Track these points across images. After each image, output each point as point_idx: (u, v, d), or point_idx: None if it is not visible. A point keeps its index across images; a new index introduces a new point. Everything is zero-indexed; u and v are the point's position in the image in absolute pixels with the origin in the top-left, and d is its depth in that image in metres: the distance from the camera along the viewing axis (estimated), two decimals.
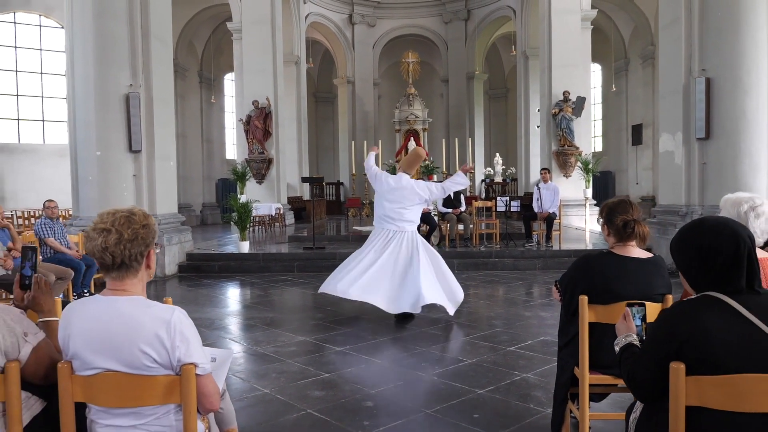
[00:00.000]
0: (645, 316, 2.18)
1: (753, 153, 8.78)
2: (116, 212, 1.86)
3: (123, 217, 1.85)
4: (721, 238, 1.78)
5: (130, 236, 1.83)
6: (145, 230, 1.87)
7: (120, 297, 1.87)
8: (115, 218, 1.84)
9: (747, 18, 8.70)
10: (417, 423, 3.54)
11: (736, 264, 1.76)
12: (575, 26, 17.18)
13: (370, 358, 4.92)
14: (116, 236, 1.81)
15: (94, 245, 1.83)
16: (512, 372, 4.42)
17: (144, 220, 1.88)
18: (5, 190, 18.29)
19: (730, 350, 1.70)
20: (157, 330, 1.80)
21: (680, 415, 1.74)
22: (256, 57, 17.35)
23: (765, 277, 2.69)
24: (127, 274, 1.88)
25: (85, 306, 1.88)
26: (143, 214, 1.90)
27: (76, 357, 1.85)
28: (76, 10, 9.39)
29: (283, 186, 18.08)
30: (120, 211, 1.87)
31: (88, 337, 1.82)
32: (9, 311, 1.95)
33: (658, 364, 1.78)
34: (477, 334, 5.66)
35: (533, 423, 3.46)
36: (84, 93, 9.38)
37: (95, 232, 1.83)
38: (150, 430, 1.86)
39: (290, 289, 8.53)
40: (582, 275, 2.85)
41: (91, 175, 9.33)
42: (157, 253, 2.21)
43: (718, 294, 1.78)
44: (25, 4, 18.58)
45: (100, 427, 1.89)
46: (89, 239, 1.85)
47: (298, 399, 3.91)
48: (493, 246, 11.16)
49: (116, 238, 1.81)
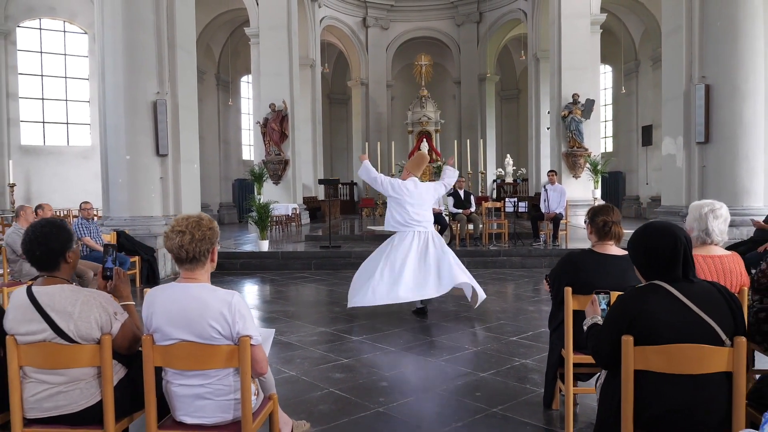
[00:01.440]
0: (610, 302, 2.66)
1: (750, 157, 9.18)
2: (189, 218, 2.38)
3: (194, 221, 2.36)
4: (663, 239, 2.26)
5: (200, 237, 2.35)
6: (211, 232, 2.39)
7: (191, 284, 2.39)
8: (188, 222, 2.36)
9: (744, 28, 9.10)
10: (426, 400, 4.04)
11: (674, 259, 2.24)
12: (585, 30, 17.55)
13: (385, 346, 5.42)
14: (189, 236, 2.33)
15: (172, 243, 2.35)
16: (512, 358, 4.91)
17: (210, 224, 2.40)
18: (31, 191, 18.99)
19: (668, 326, 2.18)
20: (222, 309, 2.31)
21: (630, 377, 2.22)
22: (273, 61, 17.88)
23: (723, 271, 3.15)
24: (197, 266, 2.40)
25: (165, 291, 2.40)
26: (209, 219, 2.42)
27: (157, 330, 2.37)
28: (106, 21, 9.94)
29: (299, 186, 18.62)
30: (192, 217, 2.38)
31: (167, 314, 2.34)
32: (102, 295, 2.48)
33: (614, 337, 2.26)
34: (483, 326, 6.14)
35: (528, 400, 3.94)
36: (114, 100, 9.93)
37: (173, 233, 2.34)
38: (214, 389, 2.37)
39: (309, 285, 9.05)
40: (566, 270, 3.34)
41: (121, 177, 9.89)
42: (219, 250, 2.72)
43: (661, 282, 2.26)
44: (50, 11, 19.25)
45: (174, 386, 2.41)
46: (168, 239, 2.36)
47: (321, 380, 4.42)
48: (502, 245, 11.62)
49: (189, 238, 2.33)
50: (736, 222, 9.02)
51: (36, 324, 2.37)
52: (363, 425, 3.58)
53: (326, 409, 3.83)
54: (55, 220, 2.53)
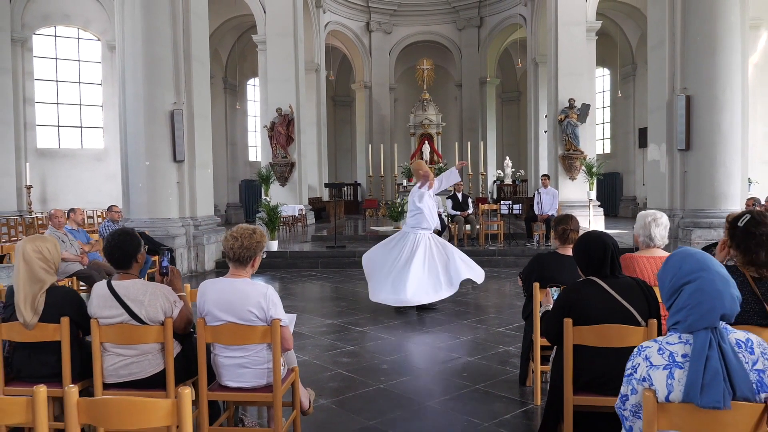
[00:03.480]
0: None
1: (728, 163, 9.85)
2: (246, 228, 3.10)
3: (248, 233, 3.07)
4: (596, 246, 2.95)
5: (247, 245, 3.06)
6: (257, 245, 3.10)
7: (236, 279, 3.10)
8: (243, 232, 3.07)
9: (722, 43, 9.77)
10: (421, 378, 4.75)
11: (604, 261, 2.93)
12: (581, 37, 18.19)
13: (385, 335, 6.13)
14: (239, 243, 3.05)
15: (227, 245, 3.07)
16: (497, 346, 5.61)
17: (259, 238, 3.11)
18: (47, 192, 19.71)
19: (598, 310, 2.87)
20: (259, 299, 3.01)
21: (570, 350, 2.91)
22: (280, 67, 18.54)
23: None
24: (241, 266, 3.11)
25: (216, 284, 3.10)
26: (261, 234, 3.14)
27: (208, 314, 3.07)
28: (127, 36, 10.65)
29: (305, 188, 19.31)
30: (248, 229, 3.09)
31: (217, 301, 3.05)
32: (165, 288, 3.19)
33: (559, 320, 2.94)
34: (473, 319, 6.84)
35: (507, 378, 4.64)
36: (134, 110, 10.63)
37: (231, 237, 3.07)
38: (252, 359, 3.08)
39: (316, 282, 9.75)
40: (534, 268, 4.04)
41: (141, 182, 10.59)
42: (263, 258, 3.42)
43: (595, 278, 2.94)
44: (65, 19, 19.96)
45: (220, 358, 3.11)
46: (226, 240, 3.10)
47: (331, 363, 5.12)
48: (498, 245, 12.30)
49: (239, 245, 3.04)
50: (714, 224, 9.72)
51: (115, 310, 3.07)
52: (367, 398, 4.28)
53: (335, 386, 4.53)
54: (129, 230, 3.24)
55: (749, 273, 2.57)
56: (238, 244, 3.05)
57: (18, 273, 3.10)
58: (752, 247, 2.58)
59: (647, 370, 1.89)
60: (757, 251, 2.57)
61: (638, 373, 1.91)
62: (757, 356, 1.84)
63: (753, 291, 2.54)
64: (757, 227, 2.62)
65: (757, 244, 2.58)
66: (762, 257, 2.56)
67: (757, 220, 2.64)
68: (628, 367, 1.98)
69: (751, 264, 2.58)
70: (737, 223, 2.71)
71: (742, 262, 2.61)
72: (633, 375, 1.94)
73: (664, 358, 1.87)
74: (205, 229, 11.05)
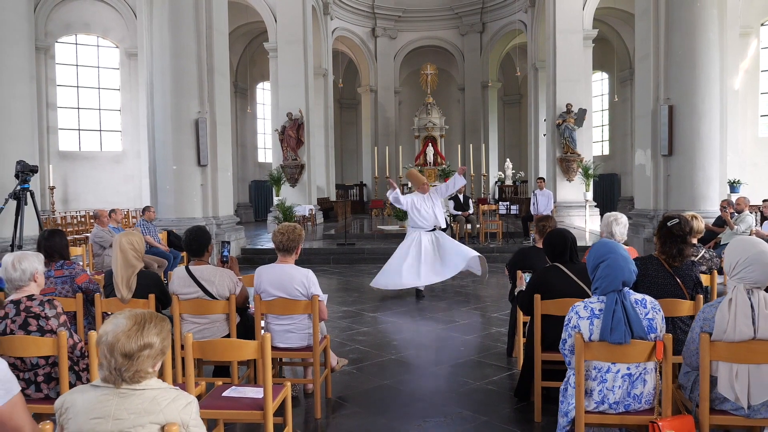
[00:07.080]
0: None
1: (707, 167, 10.72)
2: (289, 225, 4.02)
3: (291, 228, 4.00)
4: (558, 239, 3.87)
5: (290, 238, 4.00)
6: (299, 238, 4.05)
7: (284, 264, 4.06)
8: (287, 228, 4.00)
9: (702, 56, 10.62)
10: (424, 351, 5.71)
11: (564, 250, 3.86)
12: (578, 44, 19.13)
13: (394, 319, 7.09)
14: (285, 237, 3.98)
15: (276, 238, 4.01)
16: (491, 327, 6.54)
17: (299, 233, 4.05)
18: (68, 193, 20.67)
19: (561, 288, 3.80)
20: (302, 279, 3.96)
21: (538, 319, 3.84)
22: (290, 73, 19.45)
23: None
24: (287, 254, 4.05)
25: (269, 268, 4.05)
26: (300, 229, 4.08)
27: (263, 291, 4.01)
28: (155, 51, 11.60)
29: (314, 189, 20.25)
30: (290, 226, 4.03)
31: (270, 281, 3.99)
32: (229, 272, 4.12)
33: (531, 296, 3.87)
34: (472, 306, 7.78)
35: (497, 351, 5.58)
36: (162, 119, 11.58)
37: (279, 232, 4.00)
38: (297, 327, 4.02)
39: (329, 276, 10.69)
40: (518, 259, 4.99)
41: (168, 185, 11.54)
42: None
43: (558, 264, 3.87)
44: (85, 27, 20.92)
45: (272, 326, 4.05)
46: (275, 234, 4.04)
47: (349, 340, 6.06)
48: (497, 242, 13.22)
49: (285, 238, 3.98)
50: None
51: (191, 288, 4.01)
52: (381, 365, 5.22)
53: (355, 357, 5.47)
54: (202, 227, 4.18)
55: (662, 259, 3.50)
56: (285, 237, 4.00)
57: (116, 260, 4.03)
58: (668, 242, 3.51)
59: (577, 320, 2.82)
60: (671, 246, 3.50)
61: (571, 323, 2.85)
62: (648, 310, 2.77)
63: (669, 273, 3.48)
64: (680, 230, 3.55)
65: (673, 242, 3.51)
66: (674, 251, 3.50)
67: (681, 226, 3.57)
68: (566, 320, 2.91)
69: (663, 254, 3.52)
70: (667, 223, 3.64)
71: (659, 251, 3.55)
72: (568, 325, 2.87)
73: (587, 311, 2.81)
74: (226, 228, 12.00)
